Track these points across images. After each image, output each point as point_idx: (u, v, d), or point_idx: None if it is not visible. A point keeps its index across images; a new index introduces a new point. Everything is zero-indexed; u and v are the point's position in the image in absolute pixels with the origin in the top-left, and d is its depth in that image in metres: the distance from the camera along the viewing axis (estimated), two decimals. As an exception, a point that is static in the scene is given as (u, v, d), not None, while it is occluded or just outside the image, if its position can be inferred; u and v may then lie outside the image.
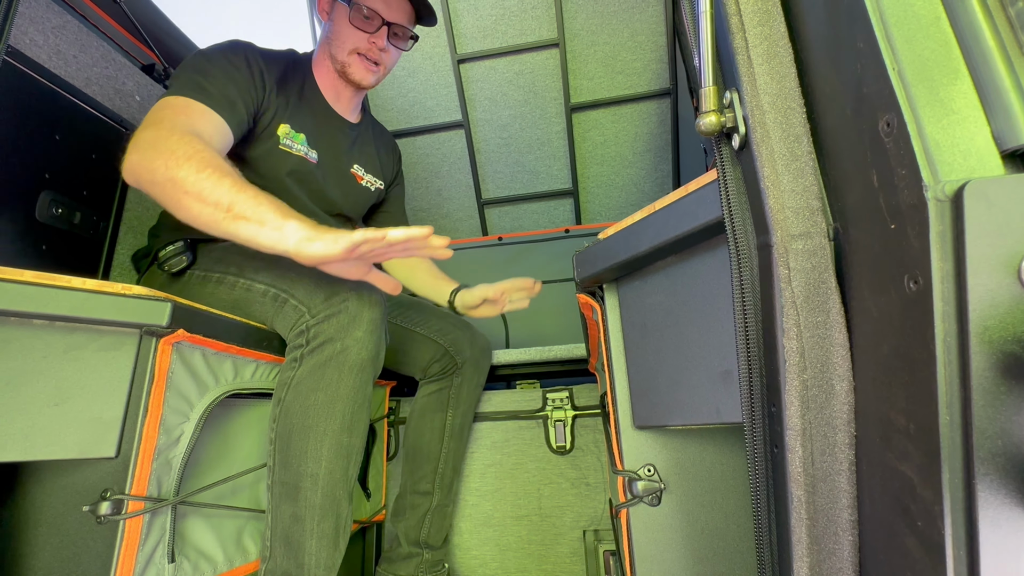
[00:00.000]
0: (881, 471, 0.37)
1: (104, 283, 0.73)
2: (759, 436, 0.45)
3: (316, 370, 0.86)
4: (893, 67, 0.32)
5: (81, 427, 0.72)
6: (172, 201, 0.85)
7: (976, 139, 0.31)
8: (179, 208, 0.85)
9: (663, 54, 2.12)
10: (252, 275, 1.01)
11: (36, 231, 1.11)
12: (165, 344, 0.77)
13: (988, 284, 0.28)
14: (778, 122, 0.41)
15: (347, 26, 1.18)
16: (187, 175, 0.82)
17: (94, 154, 1.23)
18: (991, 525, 0.29)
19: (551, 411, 1.44)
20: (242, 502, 0.95)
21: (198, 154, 0.84)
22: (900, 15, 0.33)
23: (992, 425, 0.29)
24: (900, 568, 0.35)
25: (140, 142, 0.87)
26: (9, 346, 0.69)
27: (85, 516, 0.72)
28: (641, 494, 0.63)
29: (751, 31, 0.44)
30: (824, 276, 0.39)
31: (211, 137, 0.96)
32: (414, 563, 1.18)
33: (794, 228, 0.40)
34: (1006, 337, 0.29)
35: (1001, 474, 0.29)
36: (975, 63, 0.32)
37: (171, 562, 0.79)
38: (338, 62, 1.22)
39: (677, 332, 0.59)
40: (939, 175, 0.30)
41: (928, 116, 0.31)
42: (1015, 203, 0.28)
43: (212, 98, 1.00)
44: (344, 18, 1.18)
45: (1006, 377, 0.29)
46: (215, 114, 0.99)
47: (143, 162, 0.85)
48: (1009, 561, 0.30)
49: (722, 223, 0.48)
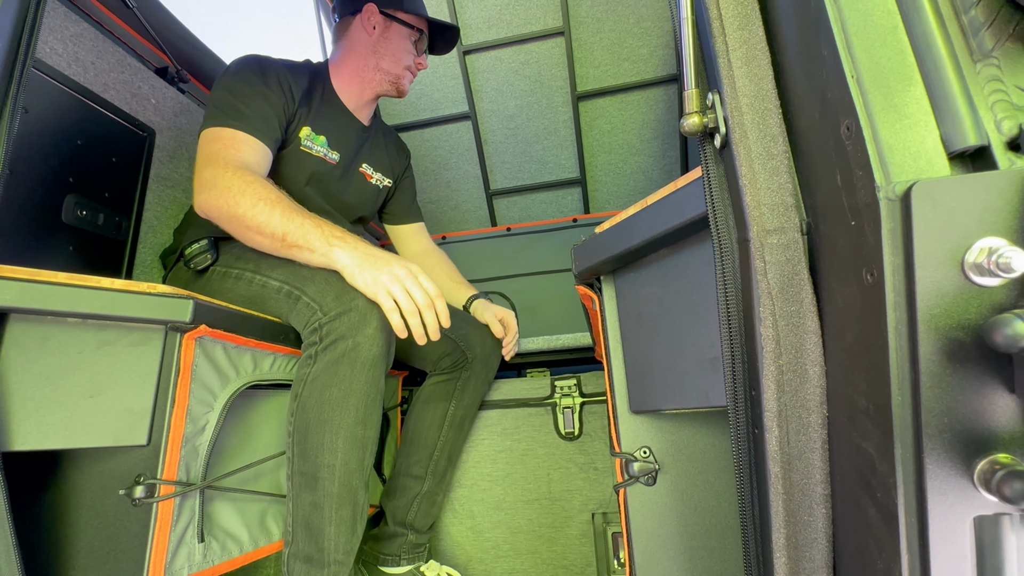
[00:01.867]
0: (848, 448, 0.39)
1: (131, 283, 0.78)
2: (742, 418, 0.48)
3: (330, 367, 0.91)
4: (852, 75, 0.34)
5: (114, 417, 0.78)
6: (240, 234, 1.00)
7: (926, 142, 0.33)
8: (247, 240, 1.01)
9: (669, 40, 2.10)
10: (267, 272, 1.06)
11: (63, 233, 1.17)
12: (189, 339, 0.82)
13: (934, 277, 0.31)
14: (755, 123, 0.44)
15: (405, 44, 1.33)
16: (245, 211, 0.95)
17: (114, 157, 1.29)
18: (938, 495, 0.32)
19: (559, 398, 1.48)
20: (264, 487, 1.00)
21: (250, 187, 0.96)
22: (860, 25, 0.35)
23: (939, 404, 0.32)
24: (864, 536, 0.38)
25: (204, 182, 1.00)
26: (47, 343, 0.74)
27: (121, 499, 0.78)
28: (637, 474, 0.66)
29: (731, 35, 0.46)
30: (797, 268, 0.42)
31: (257, 163, 1.08)
32: (398, 543, 1.21)
33: (769, 224, 0.42)
34: (951, 325, 0.31)
35: (947, 449, 0.32)
36: (927, 70, 0.33)
37: (201, 542, 0.85)
38: (389, 74, 1.34)
39: (669, 321, 0.62)
40: (890, 176, 0.33)
41: (882, 121, 0.34)
42: (958, 202, 0.30)
43: (252, 124, 1.10)
44: (403, 37, 1.32)
45: (951, 361, 0.31)
46: (256, 140, 1.10)
47: (209, 201, 0.98)
48: (955, 527, 0.33)
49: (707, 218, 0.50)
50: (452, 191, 2.57)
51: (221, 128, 1.08)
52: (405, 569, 1.20)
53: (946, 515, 0.32)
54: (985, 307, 0.30)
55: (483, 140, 2.41)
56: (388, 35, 1.32)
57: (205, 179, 1.00)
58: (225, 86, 1.14)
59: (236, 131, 1.08)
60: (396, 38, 1.32)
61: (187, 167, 1.51)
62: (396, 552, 1.21)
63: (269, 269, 1.06)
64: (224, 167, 1.00)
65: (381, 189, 1.49)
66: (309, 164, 1.25)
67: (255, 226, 0.95)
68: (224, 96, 1.12)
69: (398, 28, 1.31)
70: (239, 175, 0.99)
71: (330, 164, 1.30)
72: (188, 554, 0.82)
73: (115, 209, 1.28)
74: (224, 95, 1.12)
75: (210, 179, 0.99)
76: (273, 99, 1.17)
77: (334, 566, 0.88)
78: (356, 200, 1.42)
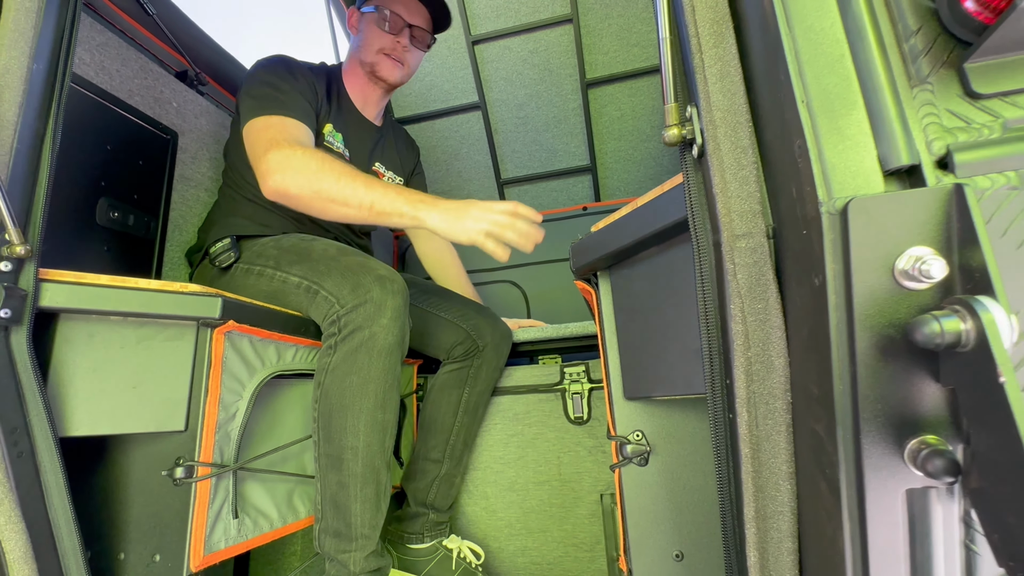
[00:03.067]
0: (805, 431, 0.44)
1: (165, 283, 0.85)
2: (719, 404, 0.53)
3: (349, 356, 0.97)
4: (802, 100, 0.38)
5: (155, 405, 0.85)
6: (319, 208, 1.03)
7: (864, 161, 0.37)
8: (326, 213, 1.03)
9: None
10: (287, 268, 1.13)
11: (97, 234, 1.25)
12: (219, 334, 0.89)
13: (868, 281, 0.35)
14: (728, 135, 0.47)
15: (374, 30, 1.34)
16: (328, 185, 1.00)
17: (141, 160, 1.36)
18: (874, 471, 0.37)
19: (568, 384, 1.53)
20: (291, 468, 1.08)
21: (326, 163, 1.02)
22: (810, 53, 0.38)
23: (873, 392, 0.36)
24: (817, 507, 0.43)
25: (274, 165, 1.03)
26: (93, 339, 0.82)
27: (163, 479, 0.86)
28: (631, 456, 0.71)
29: (707, 52, 0.49)
30: (764, 270, 0.46)
31: (310, 144, 1.14)
32: (420, 522, 1.29)
33: (739, 229, 0.46)
34: (883, 323, 0.35)
35: (880, 431, 0.36)
36: (869, 95, 0.37)
37: (235, 518, 0.93)
38: (367, 64, 1.36)
39: (658, 315, 0.66)
40: (832, 192, 0.37)
41: (827, 142, 0.37)
42: (890, 215, 0.34)
43: (294, 111, 1.16)
44: (372, 24, 1.34)
45: (883, 355, 0.35)
46: (302, 124, 1.16)
47: (286, 180, 1.02)
48: (888, 499, 0.37)
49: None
50: (464, 181, 2.60)
51: (269, 116, 1.13)
52: (428, 544, 1.28)
53: (880, 488, 0.37)
54: (912, 308, 0.34)
55: (493, 129, 2.43)
56: (363, 27, 1.38)
57: (275, 162, 1.03)
58: (261, 80, 1.20)
59: (285, 117, 1.13)
60: (368, 27, 1.36)
61: (208, 167, 1.58)
62: (419, 530, 1.29)
63: (288, 266, 1.13)
64: (291, 147, 1.04)
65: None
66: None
67: (341, 199, 1.00)
68: (263, 89, 1.18)
69: (368, 17, 1.36)
70: (310, 153, 1.04)
71: (345, 159, 1.36)
72: (224, 529, 0.90)
73: (144, 210, 1.36)
74: (262, 88, 1.18)
75: (281, 161, 1.02)
76: (307, 93, 1.24)
77: (361, 540, 0.96)
78: None
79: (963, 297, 0.32)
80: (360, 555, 0.96)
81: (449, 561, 1.25)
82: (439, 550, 1.26)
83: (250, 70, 1.29)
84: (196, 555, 0.83)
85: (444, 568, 1.24)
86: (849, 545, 0.39)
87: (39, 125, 0.79)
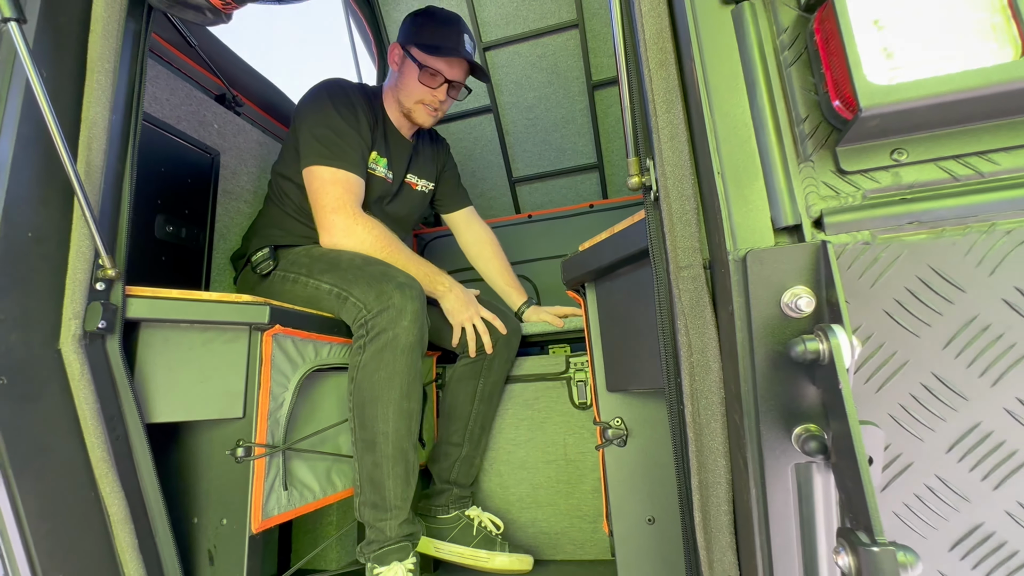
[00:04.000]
0: (730, 420, 0.57)
1: (223, 295, 1.01)
2: (673, 397, 0.66)
3: (376, 355, 1.13)
4: (718, 171, 0.50)
5: (219, 397, 1.02)
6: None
7: (760, 221, 0.48)
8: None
9: None
10: (319, 276, 1.28)
11: (156, 246, 1.43)
12: (267, 336, 1.06)
13: (763, 311, 0.47)
14: (675, 186, 0.59)
15: (415, 82, 1.45)
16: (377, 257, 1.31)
17: (189, 179, 1.53)
18: (769, 450, 0.50)
19: (573, 373, 1.67)
20: (328, 449, 1.25)
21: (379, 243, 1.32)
22: (725, 134, 0.50)
23: (768, 392, 0.48)
24: (739, 478, 0.56)
25: (339, 229, 1.32)
26: (168, 343, 0.99)
27: (227, 458, 1.04)
28: (611, 439, 0.85)
29: (660, 116, 0.61)
30: (701, 294, 0.58)
31: (361, 196, 1.39)
32: (445, 496, 1.47)
33: (682, 261, 0.59)
34: (773, 342, 0.47)
35: (775, 421, 0.49)
36: (767, 169, 0.48)
37: (285, 490, 1.10)
38: (404, 107, 1.50)
39: (632, 322, 0.79)
40: (737, 244, 0.48)
41: (735, 205, 0.49)
42: (776, 263, 0.46)
43: (355, 165, 1.36)
44: (413, 75, 1.45)
45: (773, 365, 0.48)
46: (358, 178, 1.37)
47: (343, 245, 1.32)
48: (781, 471, 0.50)
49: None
50: (478, 180, 2.73)
51: (336, 169, 1.33)
52: (454, 514, 1.45)
53: (775, 464, 0.50)
54: (793, 331, 0.46)
55: (505, 131, 2.55)
56: (404, 71, 1.47)
57: (340, 227, 1.31)
58: (324, 121, 1.36)
59: (349, 174, 1.34)
60: (409, 74, 1.46)
61: (247, 181, 1.75)
62: (445, 503, 1.46)
63: (320, 274, 1.29)
64: (354, 216, 1.33)
65: (427, 193, 1.70)
66: (372, 183, 1.47)
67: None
68: (327, 133, 1.35)
69: (411, 66, 1.45)
70: (368, 229, 1.33)
71: (388, 183, 1.51)
72: (277, 499, 1.08)
73: (193, 223, 1.53)
74: (326, 132, 1.35)
75: (344, 229, 1.31)
76: (364, 133, 1.41)
77: (395, 510, 1.13)
78: (407, 211, 1.65)
79: (823, 325, 0.44)
80: (395, 522, 1.13)
81: (471, 528, 1.41)
82: (461, 519, 1.43)
83: (313, 100, 1.41)
84: (256, 519, 1.00)
85: (466, 534, 1.40)
86: (755, 506, 0.52)
87: (119, 166, 0.95)
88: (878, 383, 0.48)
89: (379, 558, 1.11)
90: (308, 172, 1.35)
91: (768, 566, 0.51)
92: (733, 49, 0.51)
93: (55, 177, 0.86)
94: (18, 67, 0.85)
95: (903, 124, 0.44)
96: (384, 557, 1.11)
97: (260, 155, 1.83)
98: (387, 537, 1.12)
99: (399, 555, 1.11)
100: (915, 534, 0.48)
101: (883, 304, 0.46)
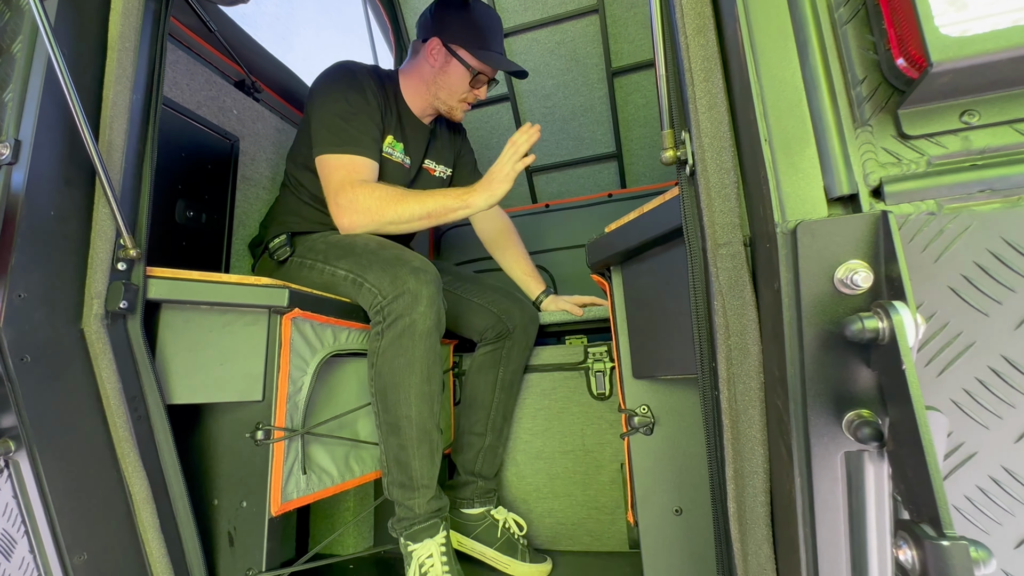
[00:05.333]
0: (772, 405, 0.54)
1: (244, 277, 1.00)
2: (707, 383, 0.63)
3: (395, 341, 1.12)
4: (765, 138, 0.46)
5: (238, 380, 1.02)
6: (393, 231, 1.31)
7: (813, 191, 0.45)
8: (399, 232, 1.31)
9: None
10: (335, 262, 1.27)
11: (177, 231, 1.43)
12: (287, 319, 1.05)
13: (813, 288, 0.44)
14: (713, 159, 0.56)
15: (462, 83, 1.44)
16: (391, 217, 1.27)
17: (209, 164, 1.53)
18: (817, 437, 0.47)
19: (591, 363, 1.64)
20: (346, 434, 1.25)
21: (383, 197, 1.26)
22: (773, 98, 0.46)
23: (818, 375, 0.45)
24: (780, 467, 0.53)
25: (344, 207, 1.28)
26: (188, 324, 0.98)
27: (247, 440, 1.03)
28: (637, 426, 0.82)
29: (698, 86, 0.58)
30: (741, 273, 0.55)
31: (368, 175, 1.34)
32: (470, 489, 1.45)
33: (721, 238, 0.55)
34: (824, 321, 0.44)
35: (823, 406, 0.46)
36: (820, 135, 0.45)
37: (304, 474, 1.10)
38: (443, 103, 1.48)
39: (661, 305, 0.76)
40: (786, 216, 0.45)
41: (783, 175, 0.45)
42: (830, 235, 0.43)
43: (363, 146, 1.33)
44: (459, 76, 1.43)
45: (825, 346, 0.44)
46: (369, 160, 1.34)
47: (356, 220, 1.28)
48: (829, 459, 0.47)
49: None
50: (494, 169, 2.69)
51: (340, 156, 1.31)
52: (479, 510, 1.44)
53: (823, 452, 0.47)
54: (847, 309, 0.43)
55: (522, 120, 2.51)
56: (448, 69, 1.43)
57: (344, 204, 1.27)
58: (334, 108, 1.34)
59: (354, 156, 1.32)
60: (455, 74, 1.43)
61: (266, 167, 1.74)
62: (470, 496, 1.45)
63: (336, 260, 1.28)
64: (353, 189, 1.27)
65: (444, 179, 1.68)
66: (389, 168, 1.45)
67: (404, 221, 1.27)
68: (336, 121, 1.33)
69: (457, 65, 1.42)
70: (368, 190, 1.27)
71: (405, 168, 1.49)
72: (296, 482, 1.07)
73: (213, 209, 1.53)
74: (335, 120, 1.33)
75: (347, 204, 1.26)
76: (374, 115, 1.38)
77: (422, 489, 1.13)
78: None
79: (883, 302, 0.41)
80: (423, 500, 1.13)
81: (495, 529, 1.40)
82: (487, 518, 1.42)
83: (322, 85, 1.39)
84: (275, 502, 1.00)
85: (490, 534, 1.40)
86: (800, 497, 0.49)
87: (140, 147, 0.95)
88: (940, 366, 0.44)
89: (412, 536, 1.12)
90: (319, 161, 1.34)
91: (812, 560, 0.48)
92: (782, 8, 0.48)
93: (77, 156, 0.86)
94: (40, 45, 0.84)
95: (976, 82, 0.40)
96: (417, 535, 1.12)
97: (278, 141, 1.82)
98: (416, 514, 1.13)
99: (430, 532, 1.13)
100: (977, 529, 0.45)
101: (948, 280, 0.43)
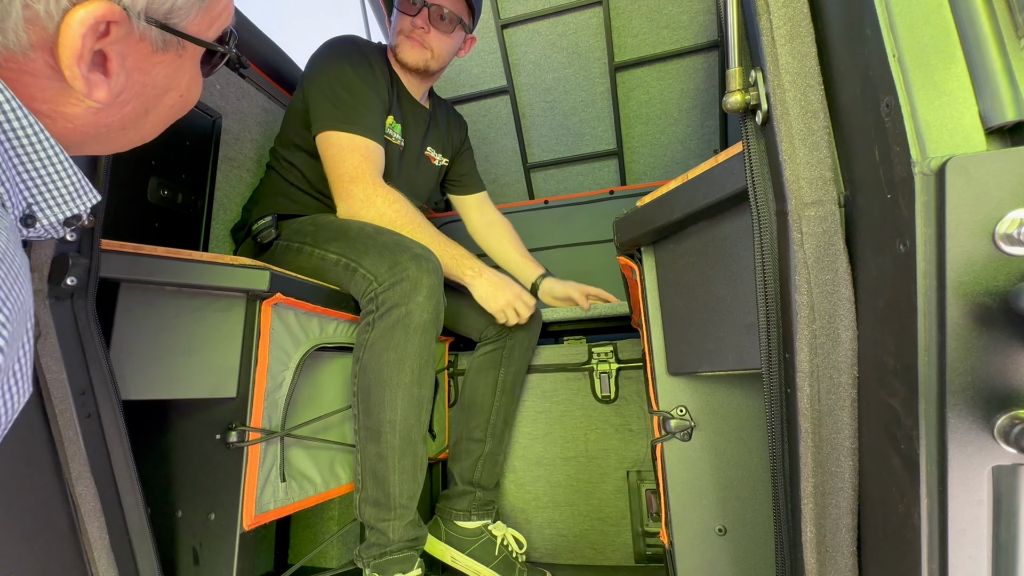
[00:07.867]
0: (876, 405, 0.43)
1: (217, 256, 0.87)
2: (775, 379, 0.52)
3: (386, 332, 0.99)
4: (894, 54, 0.36)
5: (208, 373, 0.89)
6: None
7: (964, 118, 0.35)
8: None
9: (710, 4, 2.02)
10: (325, 245, 1.15)
11: (149, 211, 1.30)
12: (267, 305, 0.92)
13: (965, 246, 0.33)
14: (797, 99, 0.46)
15: (397, 13, 1.32)
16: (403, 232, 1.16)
17: (187, 141, 1.39)
18: (958, 446, 0.36)
19: (596, 364, 1.53)
20: (332, 437, 1.12)
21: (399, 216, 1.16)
22: (904, 4, 0.36)
23: (964, 364, 0.35)
24: (888, 484, 0.42)
25: (357, 199, 1.17)
26: (151, 308, 0.85)
27: (217, 443, 0.90)
28: (674, 431, 0.71)
29: (775, 12, 0.47)
30: (833, 239, 0.44)
31: (381, 164, 1.24)
32: (467, 500, 1.32)
33: (808, 197, 0.45)
34: (979, 291, 0.34)
35: (968, 404, 0.35)
36: (970, 47, 0.35)
37: (283, 481, 0.96)
38: (393, 49, 1.35)
39: (707, 289, 0.65)
40: (927, 152, 0.35)
41: (921, 98, 0.35)
42: (992, 176, 0.32)
43: (370, 127, 1.21)
44: (397, 8, 1.32)
45: (977, 325, 0.34)
46: (377, 144, 1.23)
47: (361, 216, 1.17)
48: (973, 475, 0.36)
49: (747, 191, 0.53)
50: (491, 165, 2.60)
51: (353, 135, 1.19)
52: (476, 524, 1.30)
53: (965, 464, 0.36)
54: (1014, 275, 0.33)
55: (521, 114, 2.41)
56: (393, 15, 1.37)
57: (360, 198, 1.16)
58: (340, 83, 1.22)
59: (368, 140, 1.20)
60: (396, 14, 1.34)
61: (251, 148, 1.61)
62: (467, 508, 1.32)
63: (326, 243, 1.15)
64: (374, 186, 1.18)
65: (441, 168, 1.57)
66: (390, 151, 1.33)
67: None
68: (341, 94, 1.21)
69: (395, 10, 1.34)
70: (389, 198, 1.17)
71: (399, 149, 1.38)
72: (273, 491, 0.94)
73: (191, 188, 1.40)
74: (340, 92, 1.21)
75: (364, 200, 1.17)
76: (383, 93, 1.27)
77: (399, 509, 0.99)
78: (424, 184, 1.52)
79: (1068, 263, 0.30)
80: (399, 524, 0.99)
81: (493, 546, 1.27)
82: (484, 534, 1.29)
83: (323, 57, 1.28)
84: (248, 515, 0.86)
85: (487, 551, 1.26)
86: (926, 522, 0.38)
87: (99, 100, 0.81)
88: None
89: (380, 567, 0.97)
90: (323, 138, 1.21)
91: (940, 603, 0.37)
92: None
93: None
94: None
95: None
96: (387, 567, 0.97)
97: (265, 122, 1.69)
98: (389, 540, 0.98)
99: (402, 566, 0.98)
100: None
101: None
